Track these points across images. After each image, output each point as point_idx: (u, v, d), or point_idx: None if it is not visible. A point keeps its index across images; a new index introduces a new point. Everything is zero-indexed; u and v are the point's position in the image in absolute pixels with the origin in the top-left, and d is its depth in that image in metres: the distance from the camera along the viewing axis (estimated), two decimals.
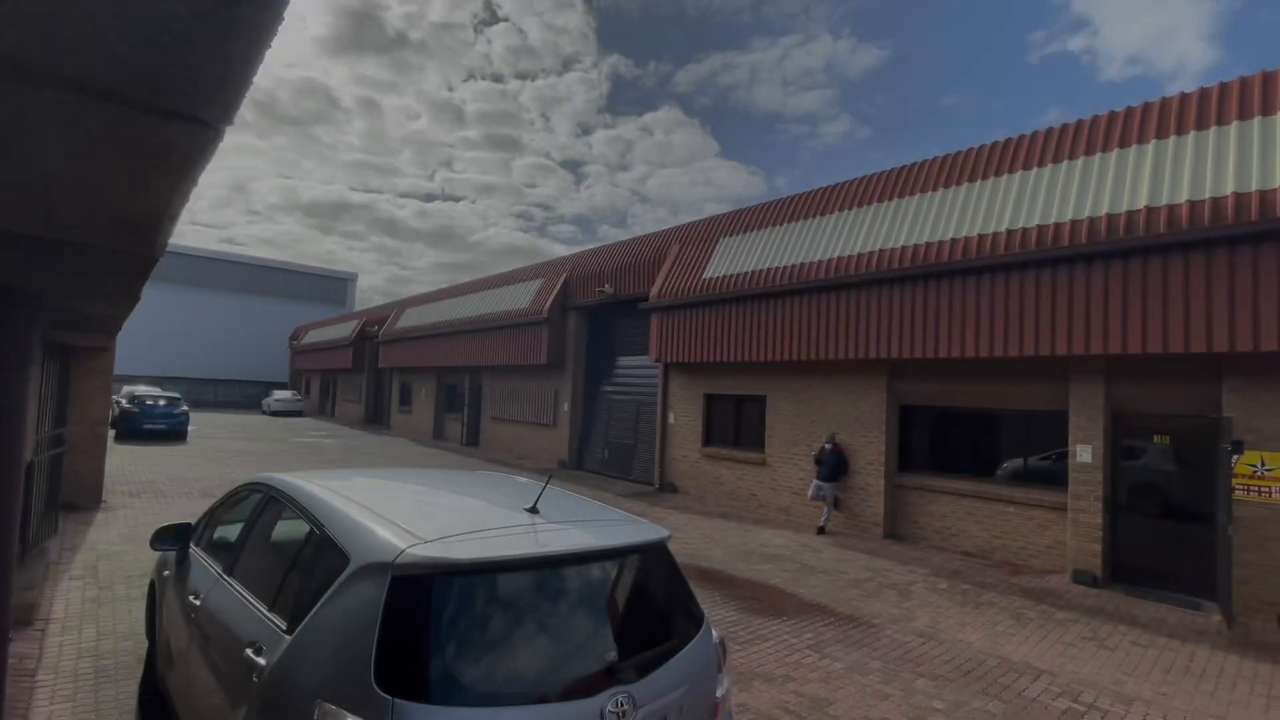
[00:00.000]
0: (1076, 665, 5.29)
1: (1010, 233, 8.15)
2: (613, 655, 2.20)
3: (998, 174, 8.95)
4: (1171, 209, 6.87)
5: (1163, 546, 7.64)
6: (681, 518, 10.81)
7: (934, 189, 9.67)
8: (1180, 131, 7.40)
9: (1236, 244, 6.41)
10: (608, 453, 16.10)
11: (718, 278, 12.25)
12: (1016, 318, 8.00)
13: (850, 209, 10.80)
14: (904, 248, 9.30)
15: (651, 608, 2.61)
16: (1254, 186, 6.41)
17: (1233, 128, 6.99)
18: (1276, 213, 6.12)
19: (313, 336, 38.56)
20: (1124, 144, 7.82)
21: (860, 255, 9.83)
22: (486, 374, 21.45)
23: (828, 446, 10.15)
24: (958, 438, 9.69)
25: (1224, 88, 7.34)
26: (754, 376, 12.10)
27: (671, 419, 13.80)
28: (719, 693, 2.56)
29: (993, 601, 6.88)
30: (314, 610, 2.18)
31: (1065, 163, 8.26)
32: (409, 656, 1.91)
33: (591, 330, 17.52)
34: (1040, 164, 8.53)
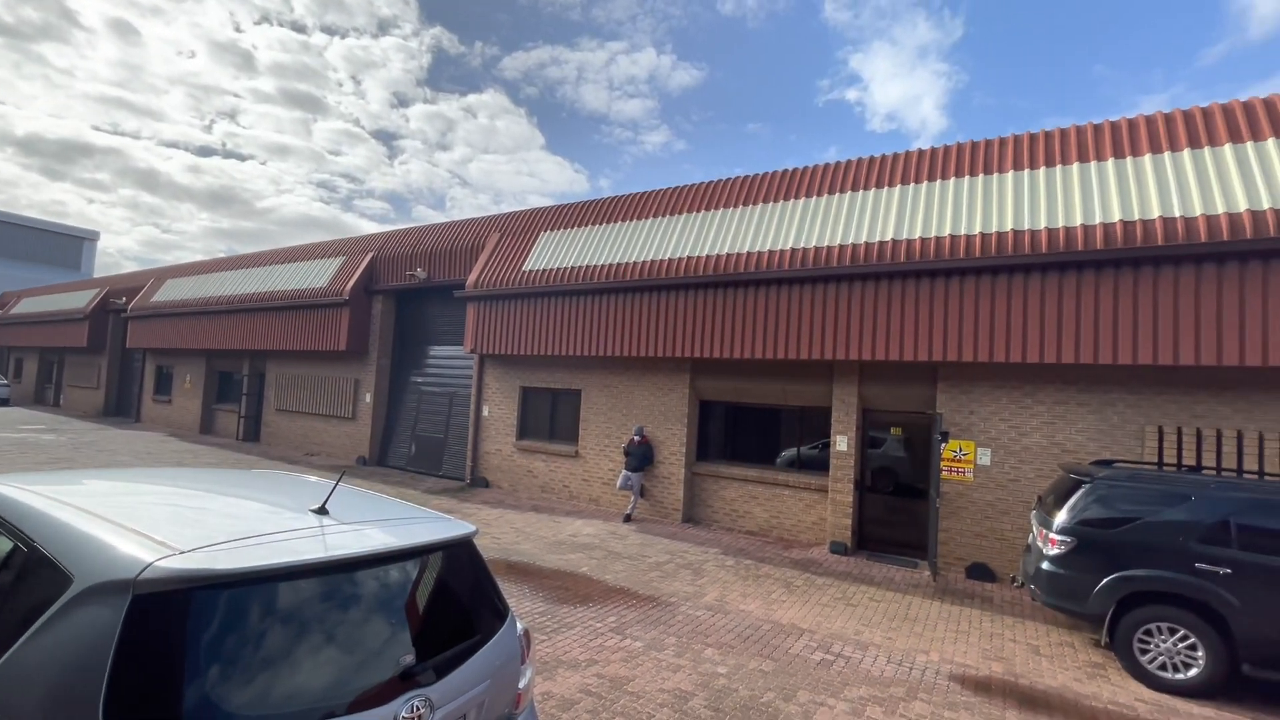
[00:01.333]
0: (830, 622, 6.29)
1: (794, 251, 9.33)
2: (409, 659, 2.16)
3: (785, 198, 10.19)
4: (909, 243, 8.42)
5: (894, 518, 9.36)
6: (493, 512, 10.67)
7: (736, 205, 10.69)
8: (916, 180, 9.09)
9: (950, 275, 8.07)
10: (415, 447, 15.25)
11: (538, 270, 12.25)
12: (795, 326, 9.18)
13: (665, 215, 11.50)
14: (709, 256, 10.15)
15: (455, 606, 2.60)
16: (963, 230, 8.12)
17: (951, 182, 8.77)
18: (976, 253, 7.83)
19: (28, 306, 30.73)
20: (879, 185, 9.38)
21: (672, 260, 10.53)
22: (272, 359, 18.98)
23: (636, 439, 10.74)
24: (747, 430, 10.87)
25: (947, 149, 9.18)
26: (571, 370, 12.34)
27: (486, 412, 13.52)
28: (521, 684, 2.64)
29: (769, 574, 7.88)
30: (18, 645, 1.82)
31: (836, 195, 9.67)
32: (153, 690, 1.68)
33: (401, 316, 16.41)
34: (818, 194, 9.89)
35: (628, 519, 10.51)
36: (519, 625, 2.80)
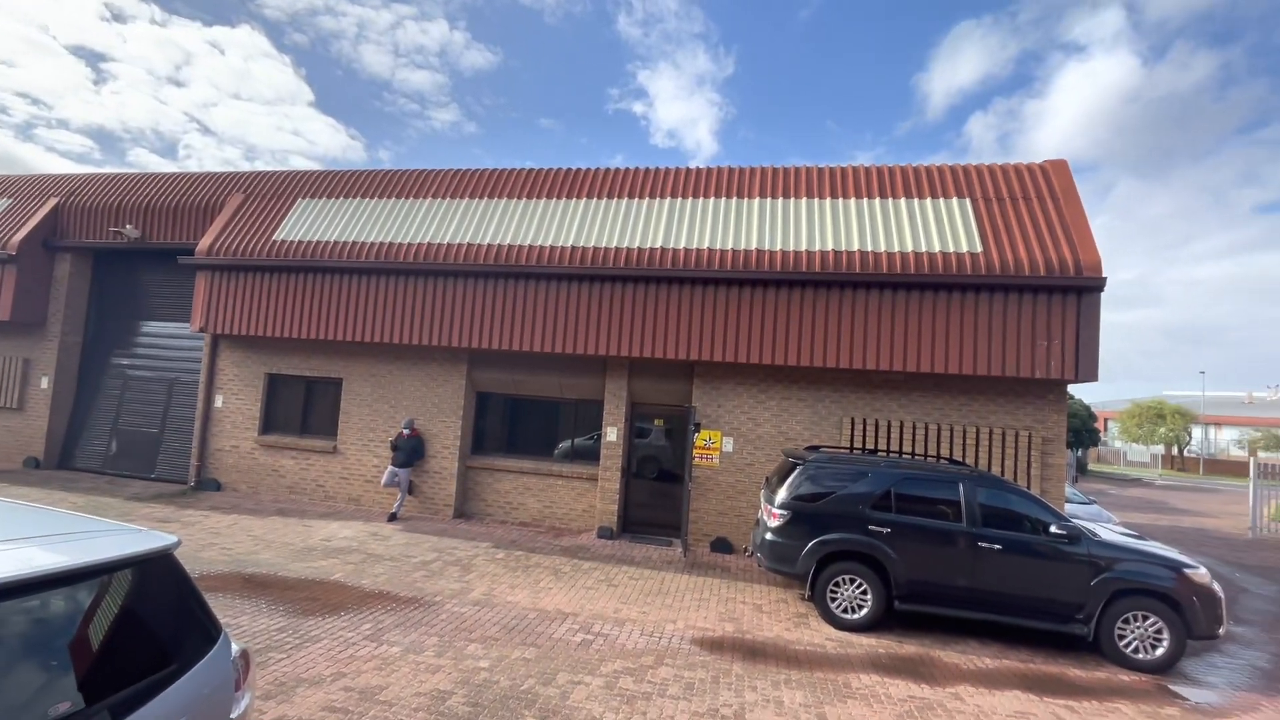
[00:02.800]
0: (593, 603, 6.68)
1: (575, 249, 9.62)
2: (63, 708, 1.80)
3: (571, 196, 10.45)
4: (675, 251, 9.25)
5: (656, 502, 10.24)
6: (225, 519, 9.21)
7: (523, 196, 10.66)
8: (684, 195, 10.02)
9: (707, 284, 9.07)
10: (118, 445, 12.43)
11: (294, 242, 10.81)
12: (574, 322, 9.49)
13: (448, 198, 10.99)
14: (492, 245, 9.97)
15: (146, 633, 2.23)
16: (719, 245, 9.18)
17: (712, 201, 9.84)
18: (728, 266, 8.91)
19: None
20: (654, 195, 10.14)
21: (453, 245, 10.10)
22: None
23: (405, 432, 10.14)
24: (524, 422, 10.95)
25: (710, 171, 10.27)
26: (330, 356, 11.15)
27: (220, 402, 11.56)
28: (234, 714, 2.38)
29: (539, 563, 8.07)
30: None
31: (616, 200, 10.21)
32: None
33: (99, 282, 13.19)
34: (600, 196, 10.33)
35: (393, 518, 9.88)
36: (234, 647, 2.51)
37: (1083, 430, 31.68)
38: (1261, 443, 44.42)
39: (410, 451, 10.07)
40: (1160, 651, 5.85)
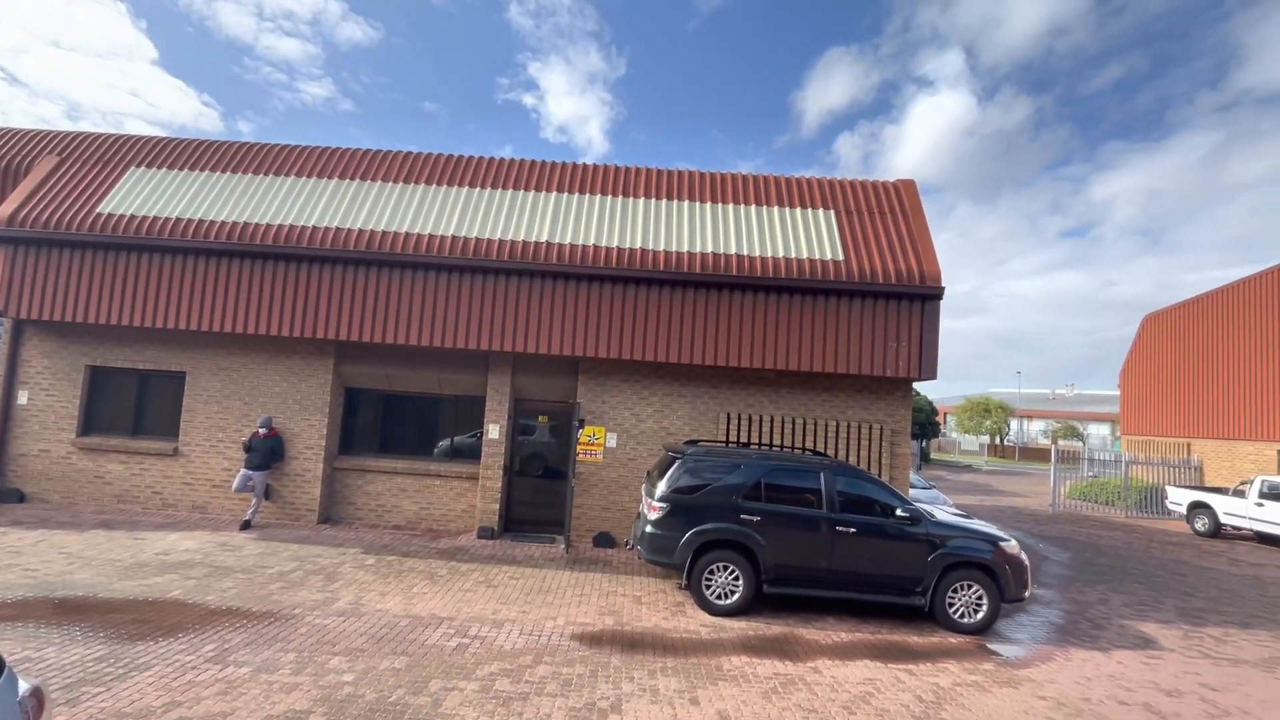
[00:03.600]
0: (470, 606, 6.49)
1: (455, 238, 9.26)
2: None
3: (453, 184, 10.05)
4: (560, 246, 9.19)
5: (540, 500, 10.15)
6: (30, 535, 7.91)
7: (400, 181, 10.08)
8: (570, 190, 9.99)
9: (593, 280, 9.10)
10: None
11: (125, 216, 9.46)
12: (454, 314, 9.15)
13: (315, 177, 10.14)
14: (364, 231, 9.34)
15: None
16: (604, 242, 9.24)
17: (598, 198, 9.90)
18: (613, 263, 9.01)
19: None
20: (539, 188, 10.01)
21: (319, 229, 9.34)
22: None
23: (262, 431, 9.25)
24: (400, 420, 10.39)
25: (597, 168, 10.32)
26: (169, 347, 9.91)
27: (24, 399, 9.88)
28: None
29: (414, 568, 7.71)
30: None
31: (500, 190, 9.97)
32: None
33: None
34: (484, 185, 10.03)
35: (247, 526, 8.98)
36: (23, 684, 2.18)
37: (926, 423, 35.48)
38: (1061, 432, 52.32)
39: (267, 453, 9.21)
40: (980, 615, 6.72)
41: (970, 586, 6.77)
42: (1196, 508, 15.28)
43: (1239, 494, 14.49)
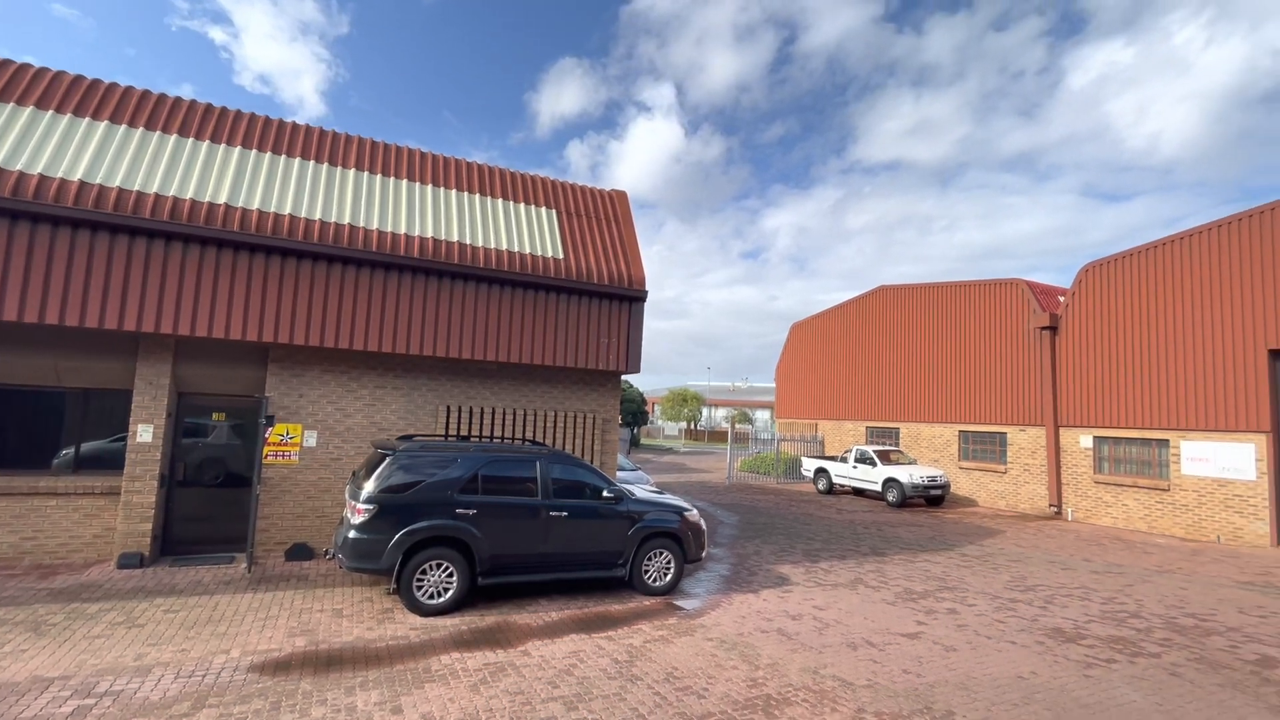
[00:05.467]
0: (98, 657, 5.13)
1: (104, 188, 7.14)
2: None
3: (97, 117, 7.72)
4: (246, 212, 7.80)
5: (216, 513, 8.47)
6: None
7: (14, 102, 7.35)
8: (261, 148, 8.54)
9: (288, 255, 7.93)
10: None
11: None
12: (79, 283, 7.04)
13: None
14: None
15: None
16: (304, 214, 8.14)
17: (296, 161, 8.65)
18: (315, 238, 7.98)
19: None
20: (219, 140, 8.33)
21: None
22: None
23: None
24: None
25: (297, 127, 9.01)
26: None
27: None
28: None
29: (6, 619, 5.78)
30: None
31: (175, 136, 8.01)
32: None
33: None
34: (145, 127, 7.94)
35: None
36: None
37: (638, 412, 39.41)
38: (737, 418, 63.20)
39: None
40: (669, 578, 7.76)
41: (661, 554, 7.76)
42: (819, 472, 20.00)
43: (843, 460, 19.36)
